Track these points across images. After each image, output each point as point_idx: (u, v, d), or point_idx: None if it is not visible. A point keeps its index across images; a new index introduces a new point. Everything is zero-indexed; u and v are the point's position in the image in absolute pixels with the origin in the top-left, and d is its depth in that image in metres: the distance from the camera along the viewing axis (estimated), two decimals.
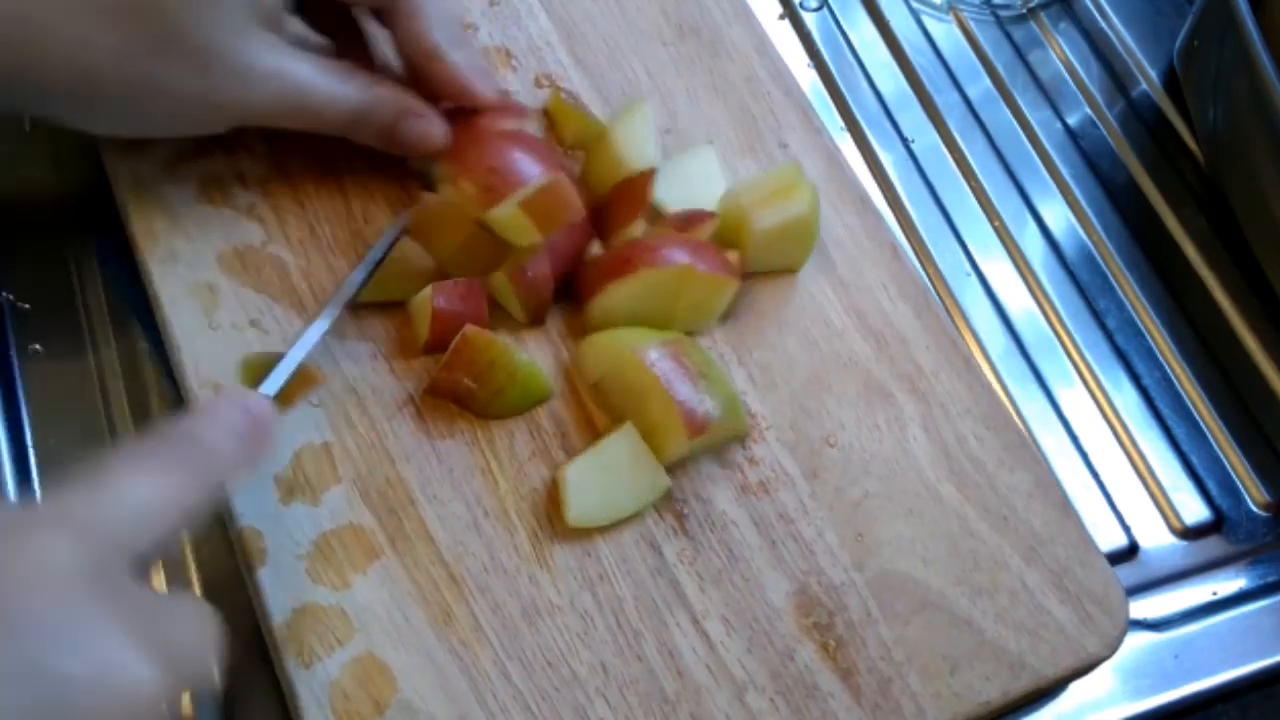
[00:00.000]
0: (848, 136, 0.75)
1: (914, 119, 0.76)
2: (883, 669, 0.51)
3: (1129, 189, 0.74)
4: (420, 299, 0.56)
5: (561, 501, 0.53)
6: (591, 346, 0.57)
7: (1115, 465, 0.64)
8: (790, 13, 0.79)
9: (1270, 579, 0.62)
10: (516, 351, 0.55)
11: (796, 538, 0.54)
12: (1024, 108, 0.77)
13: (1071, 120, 0.77)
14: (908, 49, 0.79)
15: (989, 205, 0.73)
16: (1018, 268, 0.70)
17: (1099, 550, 0.55)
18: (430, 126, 0.57)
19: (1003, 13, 0.81)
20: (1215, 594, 0.61)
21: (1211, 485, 0.64)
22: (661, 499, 0.54)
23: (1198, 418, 0.66)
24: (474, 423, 0.55)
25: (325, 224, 0.60)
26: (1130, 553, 0.62)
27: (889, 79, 0.77)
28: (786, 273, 0.61)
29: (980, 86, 0.78)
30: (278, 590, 0.50)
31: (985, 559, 0.54)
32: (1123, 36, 0.81)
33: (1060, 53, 0.80)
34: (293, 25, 0.58)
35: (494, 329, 0.56)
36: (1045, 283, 0.70)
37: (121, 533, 0.39)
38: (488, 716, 0.49)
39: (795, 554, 0.54)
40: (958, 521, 0.55)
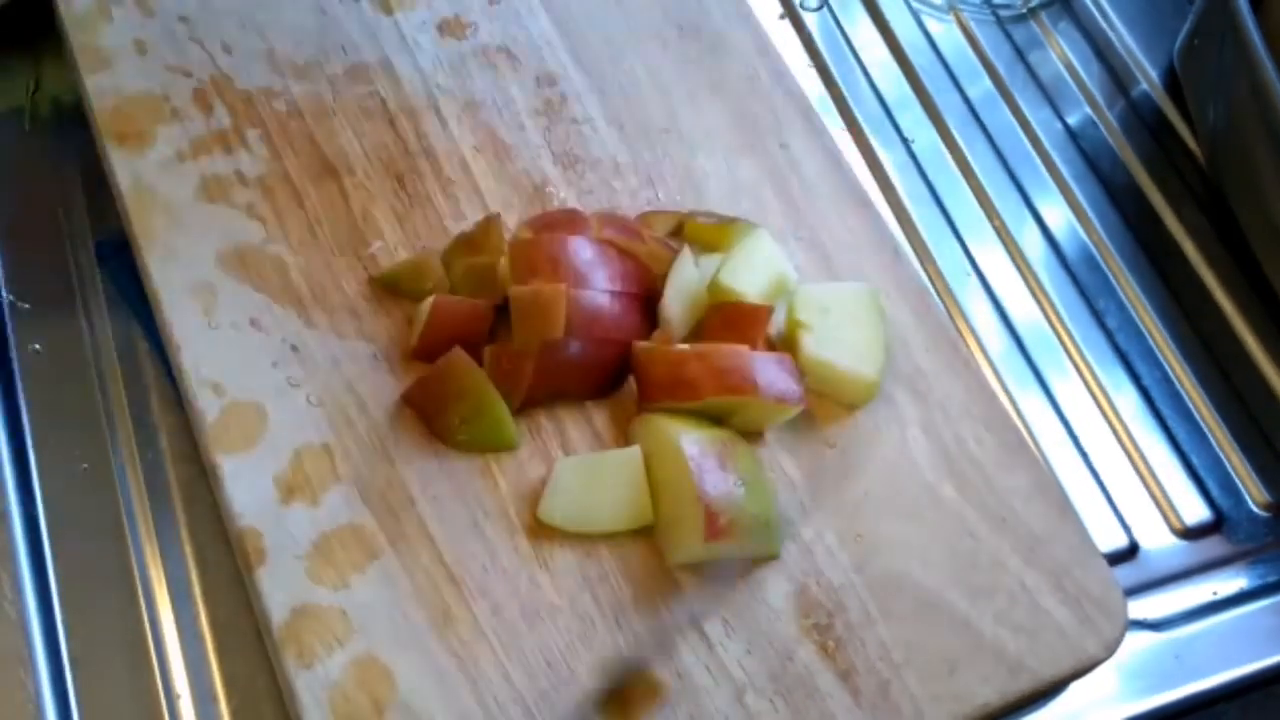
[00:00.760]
0: (848, 136, 0.75)
1: (914, 119, 0.76)
2: (882, 670, 0.51)
3: (1129, 189, 0.74)
4: (423, 306, 0.56)
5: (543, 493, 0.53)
6: (644, 423, 0.55)
7: (1115, 465, 0.64)
8: (790, 13, 0.79)
9: (1270, 579, 0.62)
10: (491, 391, 0.54)
11: (796, 538, 0.54)
12: (1024, 108, 0.77)
13: (1071, 120, 0.77)
14: (908, 49, 0.79)
15: (989, 205, 0.73)
16: (1018, 268, 0.70)
17: (1098, 551, 0.55)
18: None
19: (1003, 13, 0.81)
20: (1215, 594, 0.61)
21: (1211, 485, 0.64)
22: None
23: (1198, 418, 0.66)
24: None
25: (325, 224, 0.60)
26: (1130, 553, 0.62)
27: (889, 79, 0.77)
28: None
29: (980, 86, 0.78)
30: (277, 590, 0.50)
31: (984, 560, 0.54)
32: (1123, 36, 0.80)
33: (1060, 53, 0.80)
34: None
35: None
36: (1045, 283, 0.70)
37: None
38: (487, 717, 0.49)
39: (795, 555, 0.54)
40: (957, 522, 0.55)
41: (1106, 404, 0.66)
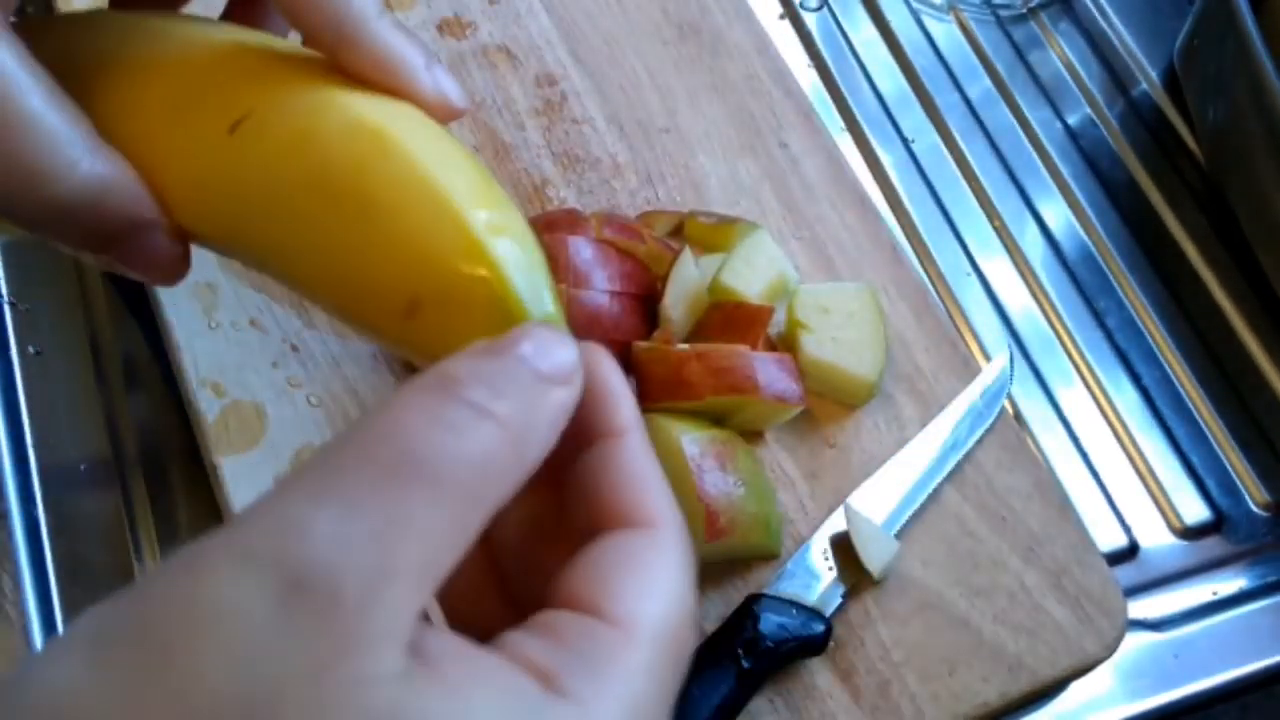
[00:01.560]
0: (848, 136, 0.75)
1: (914, 119, 0.76)
2: (881, 670, 0.51)
3: (1129, 189, 0.74)
4: None
5: None
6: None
7: (1115, 465, 0.64)
8: (790, 12, 0.79)
9: (1270, 579, 0.61)
10: None
11: (796, 539, 0.54)
12: (1024, 108, 0.77)
13: (1071, 120, 0.77)
14: (908, 49, 0.79)
15: (989, 205, 0.73)
16: (1018, 268, 0.70)
17: (1098, 550, 0.55)
18: (164, 249, 0.35)
19: (1003, 13, 0.81)
20: (1215, 594, 0.61)
21: (1211, 485, 0.64)
22: None
23: (1198, 418, 0.66)
24: None
25: None
26: (1130, 553, 0.62)
27: (889, 79, 0.77)
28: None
29: (980, 86, 0.78)
30: None
31: (984, 560, 0.54)
32: (1123, 36, 0.80)
33: (1060, 53, 0.80)
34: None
35: None
36: (1045, 283, 0.70)
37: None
38: None
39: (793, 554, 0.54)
40: (956, 522, 0.55)
41: (1106, 404, 0.66)
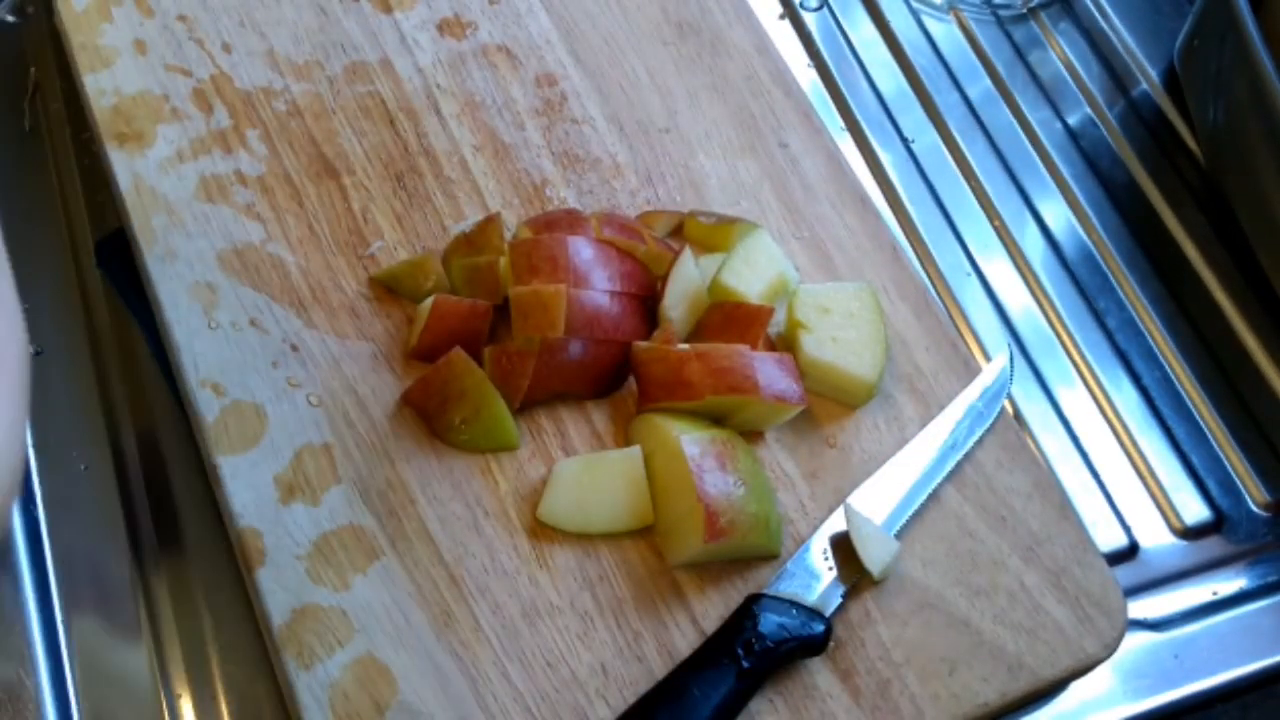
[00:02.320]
0: (848, 136, 0.75)
1: (914, 119, 0.76)
2: (881, 670, 0.51)
3: (1129, 189, 0.74)
4: (423, 306, 0.56)
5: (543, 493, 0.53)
6: (643, 423, 0.55)
7: (1115, 465, 0.64)
8: (790, 13, 0.79)
9: (1270, 579, 0.62)
10: (491, 391, 0.54)
11: (796, 539, 0.54)
12: (1024, 108, 0.77)
13: (1071, 120, 0.77)
14: (908, 49, 0.78)
15: (989, 205, 0.73)
16: (1018, 268, 0.70)
17: (1097, 550, 0.55)
18: None
19: (1003, 13, 0.81)
20: (1215, 594, 0.61)
21: (1211, 485, 0.64)
22: None
23: (1198, 418, 0.66)
24: None
25: (325, 224, 0.60)
26: (1130, 553, 0.62)
27: (889, 79, 0.77)
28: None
29: (980, 86, 0.78)
30: (277, 591, 0.50)
31: (983, 560, 0.54)
32: (1123, 36, 0.80)
33: (1060, 53, 0.80)
34: None
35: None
36: (1045, 282, 0.70)
37: None
38: (488, 718, 0.49)
39: (793, 554, 0.54)
40: (956, 522, 0.55)
41: (1106, 404, 0.66)
